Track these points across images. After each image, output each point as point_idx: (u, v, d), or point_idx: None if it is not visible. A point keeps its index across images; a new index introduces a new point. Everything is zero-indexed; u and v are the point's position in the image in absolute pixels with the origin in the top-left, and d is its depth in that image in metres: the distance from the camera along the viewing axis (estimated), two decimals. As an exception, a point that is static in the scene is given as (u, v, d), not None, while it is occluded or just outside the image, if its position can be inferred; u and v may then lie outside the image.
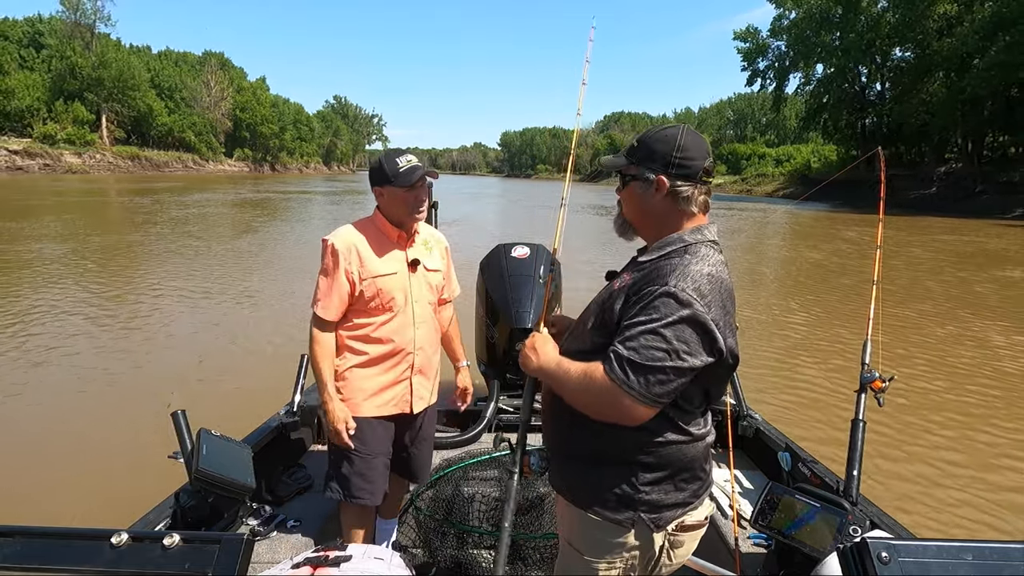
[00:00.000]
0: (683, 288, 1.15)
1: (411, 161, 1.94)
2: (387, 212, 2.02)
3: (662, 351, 1.13)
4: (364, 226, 2.05)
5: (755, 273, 12.26)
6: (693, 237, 1.25)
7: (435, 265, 2.15)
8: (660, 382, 1.14)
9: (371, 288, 1.97)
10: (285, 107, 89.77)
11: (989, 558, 0.90)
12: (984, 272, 12.29)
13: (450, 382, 2.37)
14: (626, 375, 1.14)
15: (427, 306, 2.11)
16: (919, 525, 3.22)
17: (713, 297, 1.17)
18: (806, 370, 5.97)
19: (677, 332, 1.13)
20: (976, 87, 28.81)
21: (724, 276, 1.22)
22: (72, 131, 49.11)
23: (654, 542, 1.28)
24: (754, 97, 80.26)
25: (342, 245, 1.96)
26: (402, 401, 2.08)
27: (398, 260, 2.03)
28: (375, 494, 2.05)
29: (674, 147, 1.25)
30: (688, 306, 1.14)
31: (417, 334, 2.06)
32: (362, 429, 2.01)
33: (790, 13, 43.51)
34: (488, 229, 18.40)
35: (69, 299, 7.81)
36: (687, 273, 1.17)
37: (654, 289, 1.17)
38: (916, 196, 31.25)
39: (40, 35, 57.19)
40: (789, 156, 61.69)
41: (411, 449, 2.19)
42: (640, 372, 1.14)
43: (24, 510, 3.21)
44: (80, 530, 0.94)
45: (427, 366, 2.14)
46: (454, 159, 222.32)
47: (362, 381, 2.01)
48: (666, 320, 1.14)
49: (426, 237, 2.16)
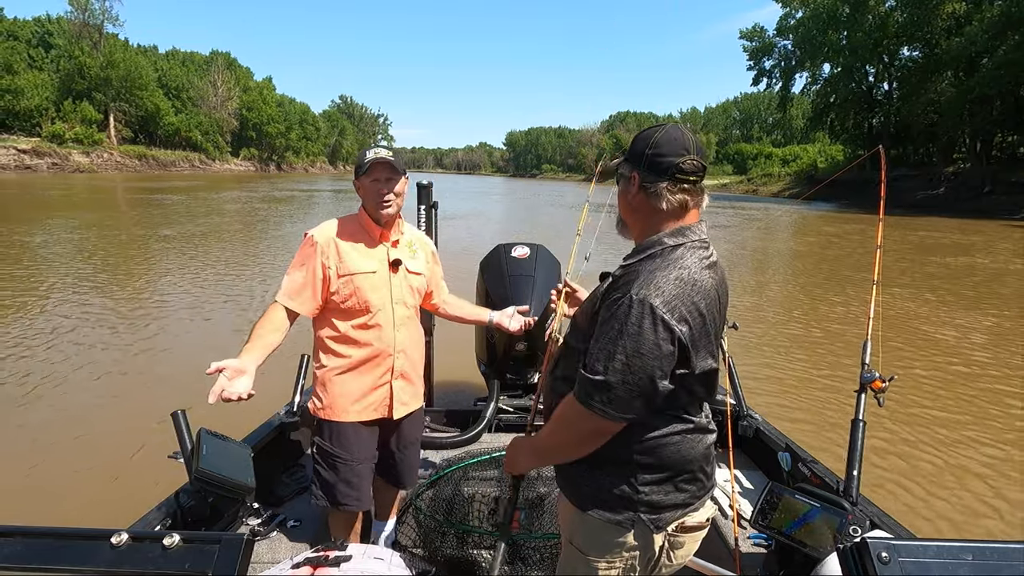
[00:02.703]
0: (644, 296, 1.13)
1: (378, 153, 1.91)
2: (365, 207, 1.99)
3: (623, 365, 1.13)
4: (348, 222, 2.01)
5: (754, 273, 12.23)
6: (673, 240, 1.23)
7: (418, 268, 2.09)
8: (622, 398, 1.15)
9: (348, 286, 1.92)
10: (291, 107, 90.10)
11: (989, 558, 0.89)
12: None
13: (450, 382, 2.37)
14: (589, 396, 1.16)
15: (408, 308, 2.06)
16: (919, 525, 3.21)
17: (681, 302, 1.14)
18: (806, 370, 5.95)
19: (637, 343, 1.12)
20: (985, 87, 28.63)
21: (700, 278, 1.18)
22: (80, 130, 49.45)
23: (654, 543, 1.28)
24: (760, 97, 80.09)
25: (322, 239, 1.93)
26: (382, 406, 2.03)
27: (379, 259, 1.98)
28: (361, 500, 2.04)
29: (648, 144, 1.25)
30: (650, 314, 1.12)
31: (398, 337, 2.00)
32: (345, 434, 1.99)
33: (797, 12, 43.34)
34: (493, 228, 18.41)
35: (78, 298, 7.87)
36: (651, 279, 1.15)
37: (618, 297, 1.17)
38: (923, 196, 31.07)
39: (49, 35, 57.72)
40: (796, 156, 61.56)
41: (396, 455, 2.16)
42: (602, 390, 1.15)
43: (24, 510, 3.21)
44: (80, 530, 0.94)
45: (410, 370, 2.08)
46: (459, 159, 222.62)
47: (342, 385, 1.97)
48: (627, 331, 1.13)
49: (411, 239, 2.12)
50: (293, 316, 1.95)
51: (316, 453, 2.05)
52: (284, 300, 1.92)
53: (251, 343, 1.83)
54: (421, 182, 3.22)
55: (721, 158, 76.41)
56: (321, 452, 2.03)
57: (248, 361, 1.77)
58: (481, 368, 3.58)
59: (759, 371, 5.77)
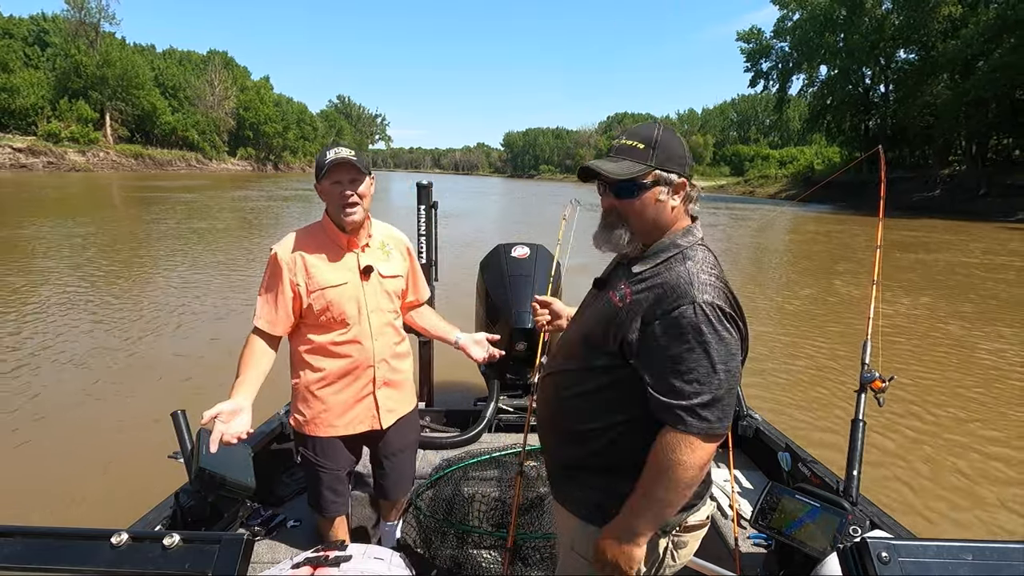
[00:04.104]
0: (711, 300, 1.13)
1: (338, 152, 1.77)
2: (328, 212, 1.87)
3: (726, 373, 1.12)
4: (312, 232, 1.89)
5: (751, 273, 12.25)
6: (685, 240, 1.23)
7: (393, 271, 1.98)
8: (730, 405, 1.14)
9: (320, 301, 1.83)
10: (288, 106, 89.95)
11: (989, 558, 0.89)
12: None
13: (450, 382, 2.36)
14: (702, 420, 1.11)
15: (386, 315, 1.96)
16: (919, 525, 3.22)
17: (729, 298, 1.17)
18: (806, 370, 5.96)
19: (728, 347, 1.12)
20: (980, 89, 28.74)
21: (722, 274, 1.22)
22: (76, 129, 49.34)
23: (659, 546, 1.28)
24: (757, 99, 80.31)
25: (286, 255, 1.82)
26: (369, 418, 1.96)
27: (348, 269, 1.87)
28: (345, 504, 2.06)
29: (662, 147, 1.25)
30: (724, 316, 1.13)
31: (376, 346, 1.91)
32: (332, 446, 1.95)
33: (794, 14, 43.46)
34: (492, 226, 18.43)
35: (74, 294, 7.84)
36: (700, 282, 1.14)
37: (680, 307, 1.12)
38: (919, 198, 31.17)
39: (45, 33, 57.57)
40: (793, 158, 61.71)
41: (386, 463, 2.11)
42: (713, 408, 1.11)
43: (24, 510, 3.21)
44: (80, 530, 0.94)
45: (394, 378, 2.00)
46: (457, 159, 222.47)
47: (324, 400, 1.91)
48: (714, 338, 1.11)
49: (383, 239, 1.99)
50: (276, 339, 1.88)
51: (301, 462, 2.04)
52: (263, 326, 1.85)
53: (240, 378, 1.76)
54: (421, 182, 3.23)
55: (718, 159, 76.65)
56: (305, 462, 2.00)
57: (241, 400, 1.71)
58: (481, 368, 3.57)
59: (759, 371, 5.78)
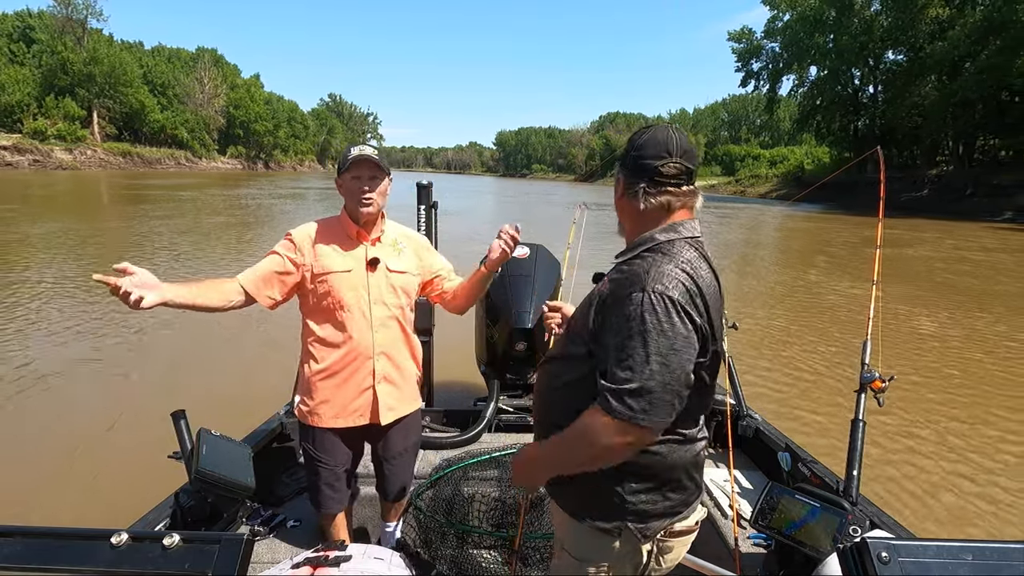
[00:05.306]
0: (662, 290, 1.10)
1: (363, 150, 1.86)
2: (346, 205, 1.96)
3: (660, 365, 1.08)
4: (328, 223, 1.98)
5: (750, 272, 12.32)
6: (665, 235, 1.23)
7: (402, 267, 2.00)
8: (665, 401, 1.09)
9: (323, 285, 1.89)
10: (279, 104, 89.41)
11: (989, 558, 0.90)
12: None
13: (450, 382, 2.36)
14: (625, 405, 1.08)
15: (392, 309, 1.97)
16: (919, 525, 3.23)
17: (693, 294, 1.14)
18: (806, 370, 5.99)
19: (671, 340, 1.09)
20: (967, 90, 29.09)
21: (700, 269, 1.18)
22: (63, 127, 48.73)
23: (642, 550, 1.28)
24: (748, 99, 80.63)
25: (300, 237, 1.92)
26: (368, 412, 1.98)
27: (355, 258, 1.93)
28: (343, 501, 2.08)
29: (633, 146, 1.27)
30: (673, 308, 1.09)
31: (376, 338, 1.93)
32: (331, 439, 1.98)
33: (784, 15, 43.76)
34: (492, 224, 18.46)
35: (74, 294, 7.75)
36: (661, 273, 1.13)
37: (631, 295, 1.12)
38: (908, 198, 31.48)
39: (31, 30, 56.75)
40: (783, 158, 62.05)
41: (386, 465, 2.12)
42: (638, 396, 1.08)
43: (24, 510, 3.19)
44: (80, 530, 0.94)
45: (395, 374, 2.01)
46: (449, 158, 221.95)
47: (325, 392, 1.95)
48: (655, 328, 1.08)
49: (396, 237, 2.04)
50: (248, 298, 1.85)
51: (303, 456, 2.06)
52: (241, 277, 1.85)
53: (185, 282, 1.69)
54: (421, 182, 3.22)
55: (709, 159, 76.85)
56: (306, 455, 2.03)
57: (167, 288, 1.57)
58: (481, 368, 3.58)
59: (759, 371, 5.81)
